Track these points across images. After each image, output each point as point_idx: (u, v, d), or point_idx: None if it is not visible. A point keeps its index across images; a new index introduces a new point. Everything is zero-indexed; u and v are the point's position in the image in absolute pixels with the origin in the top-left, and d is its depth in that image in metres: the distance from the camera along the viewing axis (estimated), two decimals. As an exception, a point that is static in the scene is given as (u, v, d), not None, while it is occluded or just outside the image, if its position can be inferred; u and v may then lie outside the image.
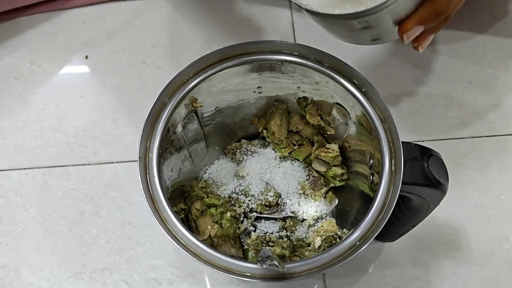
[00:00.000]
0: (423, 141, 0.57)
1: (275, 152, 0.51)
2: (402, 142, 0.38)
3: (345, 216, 0.49)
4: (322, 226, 0.47)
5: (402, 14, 0.36)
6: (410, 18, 0.37)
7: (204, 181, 0.50)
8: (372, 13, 0.34)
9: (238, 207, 0.48)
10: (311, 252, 0.45)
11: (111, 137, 0.57)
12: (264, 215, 0.48)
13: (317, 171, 0.50)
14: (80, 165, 0.56)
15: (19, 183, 0.55)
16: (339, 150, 0.48)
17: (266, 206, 0.48)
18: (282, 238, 0.47)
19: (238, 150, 0.52)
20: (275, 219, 0.48)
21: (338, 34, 0.40)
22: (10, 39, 0.63)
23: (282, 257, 0.45)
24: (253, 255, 0.47)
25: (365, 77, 0.41)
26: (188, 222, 0.47)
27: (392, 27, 0.37)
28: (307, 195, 0.49)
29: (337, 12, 0.35)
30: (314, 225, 0.47)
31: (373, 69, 0.61)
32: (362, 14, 0.34)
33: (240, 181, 0.50)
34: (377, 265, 0.51)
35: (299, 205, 0.48)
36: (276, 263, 0.32)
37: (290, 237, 0.47)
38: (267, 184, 0.49)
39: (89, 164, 0.56)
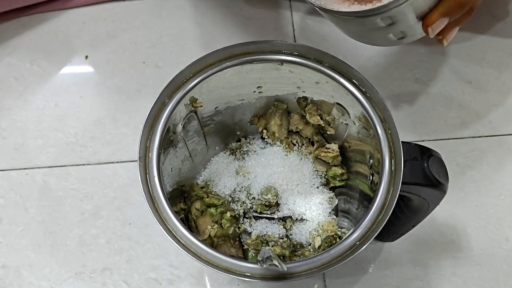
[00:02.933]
0: (423, 141, 0.57)
1: (276, 151, 0.51)
2: (402, 142, 0.38)
3: (345, 216, 0.49)
4: (322, 226, 0.47)
5: (425, 8, 0.36)
6: (434, 11, 0.36)
7: (204, 181, 0.50)
8: (394, 7, 0.34)
9: (239, 206, 0.48)
10: (311, 252, 0.45)
11: (111, 137, 0.57)
12: (264, 215, 0.48)
13: (317, 171, 0.50)
14: (80, 165, 0.56)
15: (19, 183, 0.55)
16: (339, 150, 0.48)
17: (266, 206, 0.48)
18: (282, 238, 0.47)
19: (238, 150, 0.52)
20: (275, 219, 0.48)
21: (361, 36, 0.39)
22: (10, 39, 0.63)
23: (282, 257, 0.45)
24: (253, 255, 0.47)
25: (365, 77, 0.41)
26: (188, 222, 0.47)
27: (416, 22, 0.37)
28: (307, 195, 0.49)
29: (357, 9, 0.35)
30: (314, 225, 0.47)
31: (373, 69, 0.61)
32: (384, 8, 0.34)
33: (240, 180, 0.50)
34: (377, 265, 0.51)
35: (299, 205, 0.48)
36: (276, 263, 0.32)
37: (290, 237, 0.47)
38: (267, 184, 0.49)
39: (89, 164, 0.56)
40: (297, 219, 0.48)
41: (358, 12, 0.35)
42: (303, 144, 0.51)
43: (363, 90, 0.41)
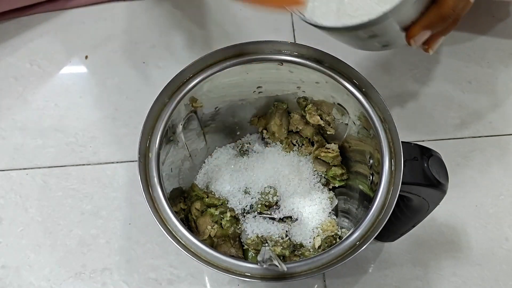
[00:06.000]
0: (423, 141, 0.57)
1: (276, 151, 0.51)
2: (402, 142, 0.38)
3: (345, 216, 0.49)
4: (322, 226, 0.47)
5: (407, 21, 0.36)
6: (416, 24, 0.37)
7: (204, 181, 0.50)
8: (375, 24, 0.34)
9: (240, 206, 0.48)
10: (311, 252, 0.45)
11: (111, 137, 0.57)
12: (264, 215, 0.48)
13: (317, 171, 0.50)
14: (80, 165, 0.56)
15: (19, 183, 0.55)
16: (339, 150, 0.48)
17: (266, 206, 0.48)
18: (282, 238, 0.47)
19: (238, 150, 0.52)
20: (275, 219, 0.48)
21: (347, 42, 0.40)
22: (10, 39, 0.63)
23: (282, 257, 0.45)
24: (253, 255, 0.47)
25: (365, 77, 0.41)
26: (188, 222, 0.47)
27: (399, 33, 0.37)
28: (307, 195, 0.49)
29: (339, 25, 0.35)
30: (314, 225, 0.47)
31: (373, 69, 0.61)
32: (366, 25, 0.35)
33: (240, 180, 0.50)
34: (377, 265, 0.51)
35: (299, 205, 0.48)
36: (276, 263, 0.32)
37: (290, 237, 0.47)
38: (267, 184, 0.49)
39: (89, 164, 0.56)
40: (297, 219, 0.48)
41: (340, 29, 0.36)
42: (303, 144, 0.51)
43: (363, 90, 0.41)
